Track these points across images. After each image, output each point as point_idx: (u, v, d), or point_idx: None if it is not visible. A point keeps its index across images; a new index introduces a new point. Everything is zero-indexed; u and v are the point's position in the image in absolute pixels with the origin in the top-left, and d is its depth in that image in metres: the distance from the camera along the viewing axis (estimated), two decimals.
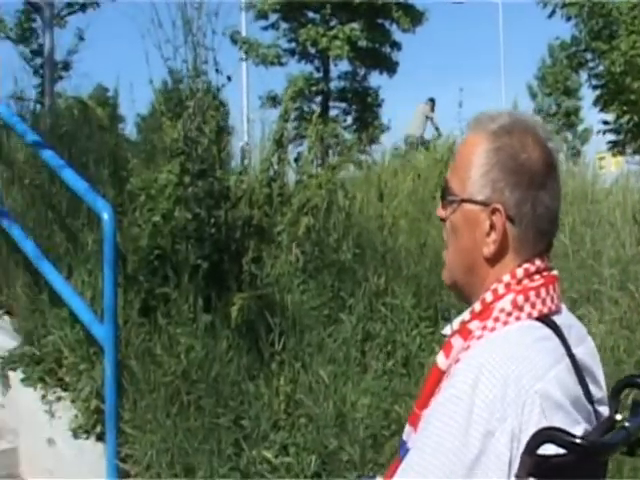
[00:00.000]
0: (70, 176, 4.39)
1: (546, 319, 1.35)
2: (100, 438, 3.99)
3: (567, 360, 1.33)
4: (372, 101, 21.47)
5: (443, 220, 1.46)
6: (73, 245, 4.85)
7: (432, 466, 1.24)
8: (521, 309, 1.34)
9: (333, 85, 21.12)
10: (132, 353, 4.06)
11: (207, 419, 3.70)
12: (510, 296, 1.35)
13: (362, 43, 19.38)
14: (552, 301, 1.37)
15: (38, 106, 7.73)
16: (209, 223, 4.78)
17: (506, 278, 1.37)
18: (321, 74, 20.60)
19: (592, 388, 1.37)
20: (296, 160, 5.87)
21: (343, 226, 5.06)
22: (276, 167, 5.50)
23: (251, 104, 17.27)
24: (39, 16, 10.12)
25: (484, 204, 1.37)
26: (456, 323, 1.43)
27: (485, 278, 1.40)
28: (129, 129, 7.84)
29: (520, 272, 1.37)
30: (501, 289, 1.36)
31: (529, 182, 1.35)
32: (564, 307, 1.42)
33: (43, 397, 4.29)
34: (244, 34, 19.87)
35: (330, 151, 7.33)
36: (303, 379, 3.87)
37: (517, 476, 1.20)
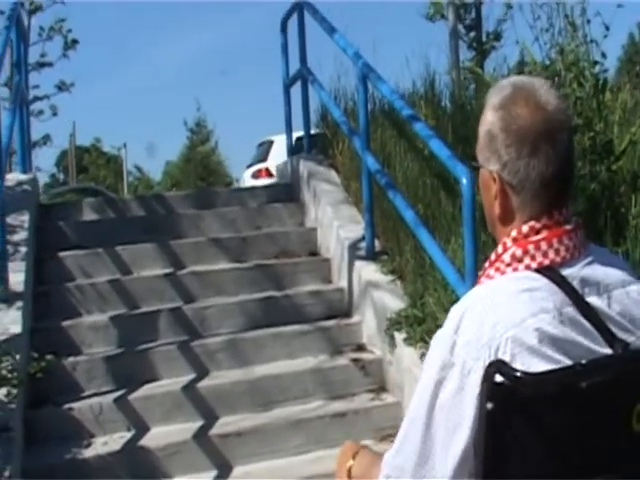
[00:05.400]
0: (436, 145, 4.53)
1: (545, 270, 1.46)
2: None
3: (567, 309, 1.42)
4: None
5: None
6: (452, 211, 5.00)
7: (419, 398, 1.44)
8: (520, 261, 1.47)
9: None
10: None
11: None
12: (512, 249, 1.49)
13: None
14: (557, 253, 1.47)
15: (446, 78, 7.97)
16: (589, 178, 4.62)
17: (513, 233, 1.50)
18: None
19: (620, 333, 1.45)
20: None
21: None
22: None
23: None
24: None
25: (489, 172, 1.52)
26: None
27: (502, 233, 1.54)
28: None
29: (525, 228, 1.49)
30: (509, 243, 1.50)
31: (519, 151, 1.47)
32: (589, 259, 1.50)
33: (422, 355, 4.51)
34: None
35: None
36: None
37: (479, 401, 1.34)
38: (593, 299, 1.46)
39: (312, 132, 7.06)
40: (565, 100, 1.58)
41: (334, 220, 5.89)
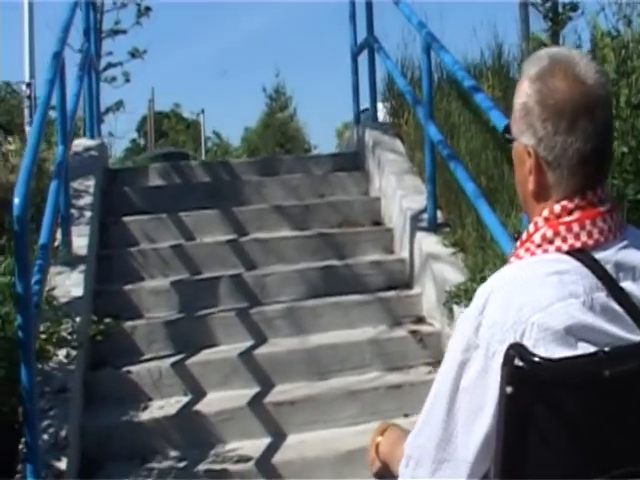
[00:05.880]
0: (496, 116, 4.44)
1: (577, 253, 1.40)
2: None
3: (597, 294, 1.36)
4: None
5: None
6: (514, 184, 4.89)
7: (442, 379, 1.42)
8: (551, 242, 1.42)
9: None
10: None
11: None
12: (543, 229, 1.43)
13: None
14: (590, 236, 1.41)
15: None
16: None
17: (545, 213, 1.45)
18: None
19: None
20: None
21: None
22: None
23: None
24: None
25: (524, 146, 1.45)
26: None
27: (534, 211, 1.48)
28: None
29: (557, 208, 1.43)
30: (540, 222, 1.45)
31: (556, 126, 1.40)
32: (625, 243, 1.44)
33: None
34: None
35: None
36: None
37: (500, 385, 1.31)
38: (627, 284, 1.40)
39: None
40: (605, 74, 1.49)
41: (397, 190, 5.84)
